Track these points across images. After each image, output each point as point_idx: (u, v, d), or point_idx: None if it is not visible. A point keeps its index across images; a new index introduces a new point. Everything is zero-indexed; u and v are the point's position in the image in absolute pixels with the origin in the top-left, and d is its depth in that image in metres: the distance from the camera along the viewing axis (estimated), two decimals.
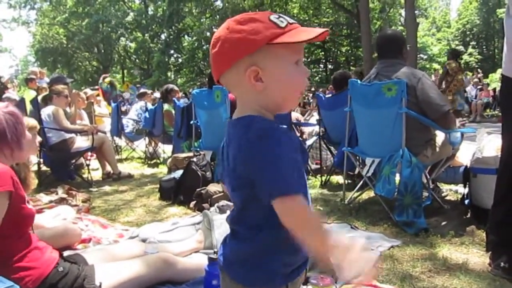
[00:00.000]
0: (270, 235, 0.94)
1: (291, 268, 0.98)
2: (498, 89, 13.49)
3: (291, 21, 0.94)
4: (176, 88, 7.06)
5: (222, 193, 3.56)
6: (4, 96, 7.01)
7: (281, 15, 0.95)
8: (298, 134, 6.04)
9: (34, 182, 2.51)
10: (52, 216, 3.15)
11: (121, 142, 7.75)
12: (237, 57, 0.93)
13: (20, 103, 5.27)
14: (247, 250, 0.97)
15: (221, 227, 2.73)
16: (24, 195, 1.80)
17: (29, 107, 5.30)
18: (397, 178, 3.06)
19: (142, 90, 9.48)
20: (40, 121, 4.45)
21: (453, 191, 3.77)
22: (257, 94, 0.94)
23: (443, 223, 2.99)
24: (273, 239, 0.94)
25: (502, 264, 2.12)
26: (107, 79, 10.73)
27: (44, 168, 5.05)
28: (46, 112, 4.83)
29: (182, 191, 3.85)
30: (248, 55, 0.92)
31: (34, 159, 4.80)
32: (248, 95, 0.95)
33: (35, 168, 4.77)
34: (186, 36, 35.11)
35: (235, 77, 0.95)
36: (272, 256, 0.96)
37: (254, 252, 0.96)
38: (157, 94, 11.40)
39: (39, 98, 5.20)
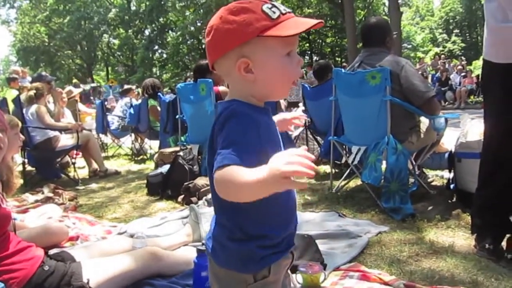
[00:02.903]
0: (237, 215, 0.96)
1: (270, 251, 0.98)
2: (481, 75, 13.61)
3: (285, 10, 0.94)
4: (157, 81, 6.96)
5: (209, 186, 3.55)
6: None
7: (274, 4, 0.94)
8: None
9: (17, 183, 2.48)
10: (38, 215, 3.12)
11: (107, 139, 7.68)
12: (227, 47, 0.93)
13: (2, 103, 5.19)
14: (221, 232, 0.99)
15: (210, 220, 2.73)
16: None
17: (11, 106, 5.22)
18: (383, 165, 3.09)
19: (126, 87, 9.38)
20: (23, 120, 4.40)
21: (439, 177, 3.82)
22: (247, 84, 0.95)
23: (430, 208, 3.03)
24: (240, 220, 0.96)
25: (486, 245, 2.15)
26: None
27: (29, 168, 4.99)
28: (30, 111, 4.77)
29: (169, 186, 3.83)
30: (239, 46, 0.92)
31: (18, 159, 4.74)
32: (239, 84, 0.97)
33: (20, 168, 4.72)
34: (170, 31, 34.83)
35: (226, 67, 0.97)
36: (246, 237, 0.96)
37: (227, 233, 0.98)
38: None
39: (23, 97, 5.11)
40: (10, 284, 1.64)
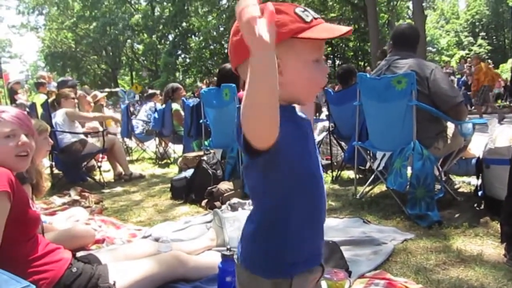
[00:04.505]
0: (266, 216, 0.96)
1: (293, 259, 0.96)
2: (510, 79, 13.30)
3: (316, 16, 0.93)
4: (179, 86, 7.05)
5: (233, 191, 3.57)
6: (17, 102, 7.10)
7: (306, 8, 0.93)
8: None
9: (46, 186, 2.53)
10: (65, 218, 3.18)
11: (132, 143, 7.79)
12: None
13: (31, 108, 5.33)
14: (253, 229, 0.99)
15: (234, 224, 2.74)
16: (27, 197, 1.80)
17: (40, 111, 5.35)
18: (409, 171, 3.04)
19: (150, 91, 9.50)
20: (51, 124, 4.50)
21: (466, 183, 3.74)
22: None
23: (457, 215, 2.97)
24: (268, 221, 0.96)
25: None
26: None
27: (56, 171, 5.10)
28: (59, 114, 4.86)
29: (193, 190, 3.85)
30: None
31: (46, 162, 4.85)
32: None
33: (47, 171, 4.82)
34: (193, 36, 35.21)
35: None
36: (272, 240, 0.96)
37: (259, 231, 0.97)
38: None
39: (50, 101, 5.24)
40: (40, 285, 1.67)
